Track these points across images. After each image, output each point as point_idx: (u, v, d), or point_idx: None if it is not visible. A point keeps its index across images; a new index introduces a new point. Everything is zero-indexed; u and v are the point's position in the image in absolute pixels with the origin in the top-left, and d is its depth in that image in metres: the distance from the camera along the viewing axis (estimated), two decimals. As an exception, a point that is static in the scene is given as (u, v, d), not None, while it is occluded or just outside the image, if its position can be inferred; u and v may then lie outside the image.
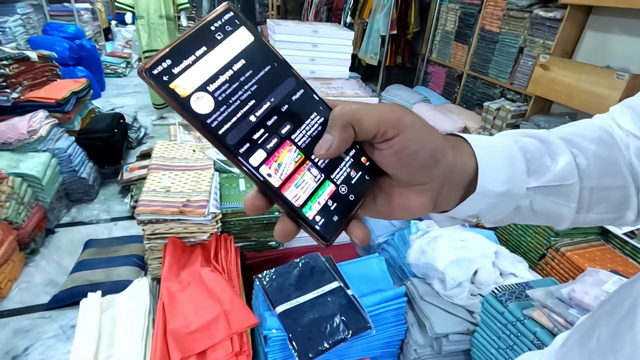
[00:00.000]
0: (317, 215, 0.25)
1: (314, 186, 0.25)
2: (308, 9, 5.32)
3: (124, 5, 2.87)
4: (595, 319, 0.31)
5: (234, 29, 0.24)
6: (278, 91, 0.25)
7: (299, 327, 1.07)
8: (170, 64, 0.21)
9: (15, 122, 1.93)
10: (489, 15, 2.98)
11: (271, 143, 0.24)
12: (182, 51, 0.22)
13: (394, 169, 0.26)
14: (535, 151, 0.29)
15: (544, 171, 0.29)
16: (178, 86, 0.21)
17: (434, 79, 3.89)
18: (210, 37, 0.23)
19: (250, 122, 0.24)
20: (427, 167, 0.26)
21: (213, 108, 0.22)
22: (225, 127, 0.23)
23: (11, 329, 1.43)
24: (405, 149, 0.25)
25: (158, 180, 1.37)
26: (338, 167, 0.26)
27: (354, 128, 0.24)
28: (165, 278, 1.16)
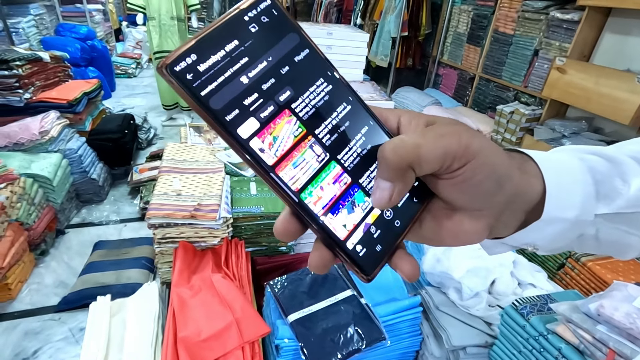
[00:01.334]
0: (358, 244, 0.22)
1: (358, 211, 0.22)
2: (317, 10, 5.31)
3: (135, 6, 2.88)
4: None
5: (271, 20, 0.20)
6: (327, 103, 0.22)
7: (311, 336, 1.04)
8: (195, 59, 0.18)
9: (27, 123, 1.93)
10: (502, 17, 2.93)
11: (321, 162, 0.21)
12: (210, 45, 0.19)
13: (452, 195, 0.23)
14: (605, 172, 0.26)
15: (615, 196, 0.25)
16: (203, 86, 0.18)
17: (445, 81, 3.85)
18: (243, 29, 0.20)
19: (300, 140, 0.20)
20: (491, 193, 0.22)
21: (246, 117, 0.19)
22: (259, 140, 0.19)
23: (21, 331, 1.43)
24: (471, 178, 0.21)
25: (169, 184, 1.36)
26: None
27: (413, 169, 0.20)
28: (176, 283, 1.14)
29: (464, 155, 0.21)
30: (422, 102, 3.34)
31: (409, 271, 0.23)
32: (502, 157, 0.23)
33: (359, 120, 0.23)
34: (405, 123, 0.24)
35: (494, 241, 0.27)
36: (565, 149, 0.28)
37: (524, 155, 0.25)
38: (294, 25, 0.21)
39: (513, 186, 0.23)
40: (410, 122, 0.24)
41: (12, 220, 1.59)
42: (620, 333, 0.80)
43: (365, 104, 0.23)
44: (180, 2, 2.96)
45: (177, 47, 0.18)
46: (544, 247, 0.27)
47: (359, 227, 0.22)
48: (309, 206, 0.21)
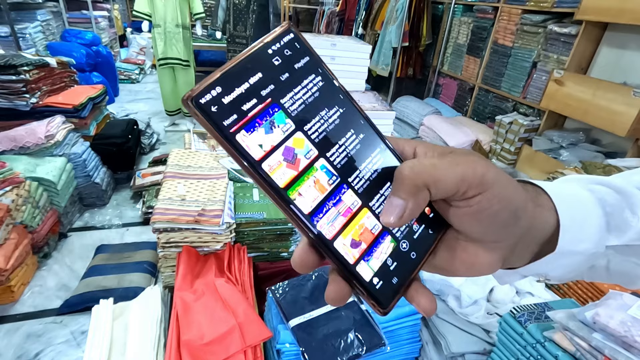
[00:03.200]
0: (375, 276, 0.22)
1: (373, 241, 0.22)
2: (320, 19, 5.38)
3: (141, 14, 2.92)
4: None
5: (294, 53, 0.21)
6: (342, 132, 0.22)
7: (312, 341, 1.06)
8: (220, 92, 0.19)
9: (33, 127, 1.96)
10: (502, 29, 2.99)
11: (328, 187, 0.21)
12: (235, 78, 0.19)
13: (468, 226, 0.23)
14: (615, 204, 0.26)
15: (625, 228, 0.25)
16: (228, 119, 0.19)
17: (445, 91, 3.90)
18: (267, 62, 0.20)
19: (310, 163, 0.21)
20: (507, 225, 0.23)
21: (270, 146, 0.20)
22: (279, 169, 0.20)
23: (23, 334, 1.43)
24: (487, 208, 0.21)
25: (174, 189, 1.38)
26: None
27: (429, 190, 0.21)
28: (180, 287, 1.15)
29: (480, 183, 0.21)
30: (422, 111, 3.38)
31: (426, 305, 0.23)
32: (517, 190, 0.23)
33: (377, 153, 0.23)
34: (421, 153, 0.24)
35: (506, 271, 0.28)
36: (573, 178, 0.29)
37: (537, 188, 0.26)
38: (316, 58, 0.22)
39: (528, 219, 0.23)
40: (426, 152, 0.24)
41: (16, 223, 1.61)
42: (616, 341, 0.81)
43: (383, 135, 0.24)
44: (186, 11, 3.02)
45: (203, 80, 0.19)
46: (555, 278, 0.28)
47: (381, 257, 0.22)
48: (327, 236, 0.21)
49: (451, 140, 2.92)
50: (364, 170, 0.23)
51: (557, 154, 2.37)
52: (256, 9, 3.17)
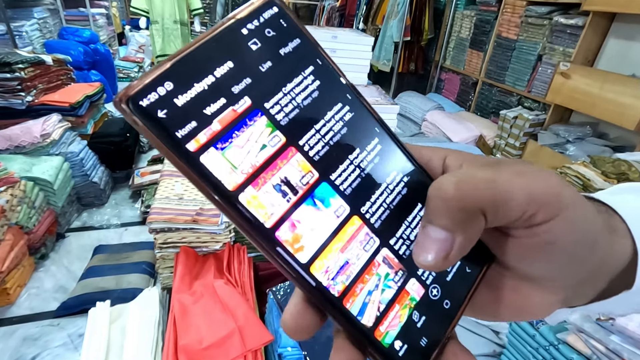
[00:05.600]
0: (397, 339, 0.16)
1: (394, 291, 0.17)
2: (320, 15, 5.33)
3: (139, 10, 2.88)
4: None
5: (279, 35, 0.15)
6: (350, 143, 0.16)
7: (315, 345, 1.02)
8: (172, 90, 0.13)
9: (29, 126, 1.93)
10: (506, 22, 2.93)
11: (334, 223, 0.16)
12: (194, 69, 0.13)
13: (529, 262, 0.17)
14: None
15: None
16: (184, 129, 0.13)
17: (447, 86, 3.85)
18: (241, 46, 0.14)
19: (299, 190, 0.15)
20: (579, 261, 0.17)
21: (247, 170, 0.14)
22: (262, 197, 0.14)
23: (19, 337, 1.40)
24: (560, 239, 0.16)
25: (171, 188, 1.34)
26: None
27: (485, 215, 0.15)
28: (177, 289, 1.12)
29: (554, 203, 0.15)
30: (425, 107, 3.33)
31: None
32: (593, 214, 0.17)
33: (391, 163, 0.17)
34: (454, 164, 0.18)
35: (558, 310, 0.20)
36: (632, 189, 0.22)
37: (608, 209, 0.20)
38: (311, 42, 0.16)
39: (602, 251, 0.18)
40: (462, 163, 0.18)
41: (12, 223, 1.58)
42: (635, 344, 0.77)
43: (400, 141, 0.18)
44: (184, 7, 2.97)
45: (145, 73, 0.13)
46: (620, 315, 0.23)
47: (397, 313, 0.16)
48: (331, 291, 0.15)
49: (455, 136, 2.88)
50: (382, 197, 0.17)
51: (564, 149, 2.32)
52: (255, 3, 3.13)
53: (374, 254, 0.16)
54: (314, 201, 0.15)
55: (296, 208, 0.15)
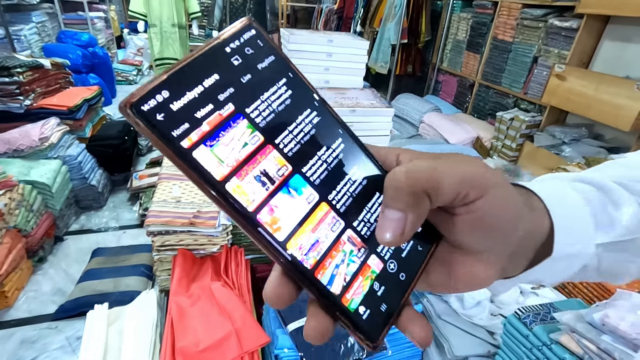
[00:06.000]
0: (361, 305, 0.19)
1: (357, 265, 0.19)
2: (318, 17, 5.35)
3: (137, 14, 2.90)
4: None
5: (256, 52, 0.18)
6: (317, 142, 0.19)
7: (312, 346, 1.03)
8: (168, 97, 0.15)
9: (27, 129, 1.93)
10: (502, 25, 2.95)
11: (305, 208, 0.18)
12: (186, 80, 0.16)
13: (469, 236, 0.20)
14: (597, 201, 0.25)
15: (611, 225, 0.25)
16: (178, 129, 0.16)
17: (444, 88, 3.87)
18: (225, 62, 0.17)
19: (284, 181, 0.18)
20: (509, 232, 0.20)
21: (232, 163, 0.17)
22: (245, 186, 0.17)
23: (17, 340, 1.41)
24: (490, 213, 0.19)
25: (169, 191, 1.35)
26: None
27: (429, 196, 0.18)
28: (175, 292, 1.13)
29: (481, 184, 0.19)
30: (422, 108, 3.34)
31: (421, 335, 0.20)
32: (514, 194, 0.21)
33: (352, 162, 0.20)
34: (405, 159, 0.21)
35: (500, 281, 0.25)
36: (553, 177, 0.28)
37: (528, 191, 0.24)
38: (283, 58, 0.19)
39: (526, 225, 0.22)
40: (412, 158, 0.21)
41: (10, 227, 1.58)
42: (626, 344, 0.78)
43: (361, 142, 0.21)
44: (182, 10, 2.99)
45: (145, 83, 0.15)
46: (549, 283, 0.27)
47: (365, 285, 0.19)
48: (304, 264, 0.18)
49: (452, 138, 2.89)
50: (346, 187, 0.20)
51: (560, 150, 2.34)
52: (252, 7, 3.14)
53: (340, 234, 0.19)
54: (289, 190, 0.18)
55: (274, 195, 0.18)
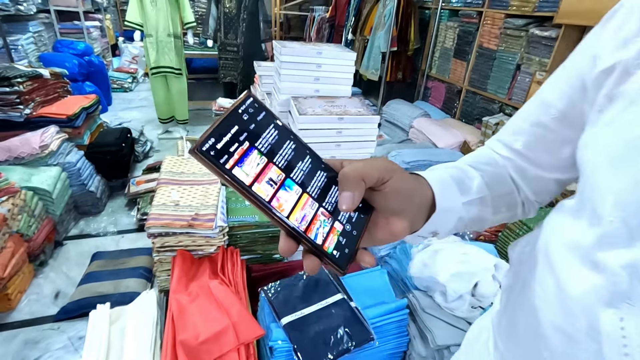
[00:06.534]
0: (334, 250, 0.31)
1: (328, 227, 0.32)
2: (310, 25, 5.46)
3: (133, 24, 2.97)
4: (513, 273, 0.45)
5: (256, 112, 0.30)
6: (297, 159, 0.32)
7: (304, 338, 1.10)
8: (213, 141, 0.27)
9: (28, 137, 1.99)
10: (486, 33, 3.07)
11: (297, 198, 0.30)
12: (221, 132, 0.27)
13: (387, 203, 0.34)
14: (459, 177, 0.41)
15: (467, 189, 0.41)
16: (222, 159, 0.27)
17: (434, 94, 3.98)
18: (239, 118, 0.29)
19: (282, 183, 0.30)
20: (408, 198, 0.35)
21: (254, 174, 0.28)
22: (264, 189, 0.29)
23: (21, 340, 1.46)
24: (397, 187, 0.34)
25: (167, 195, 1.42)
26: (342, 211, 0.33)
27: (364, 181, 0.31)
28: (175, 290, 1.19)
29: (387, 172, 0.33)
30: (412, 114, 3.44)
31: (369, 260, 0.33)
32: (410, 176, 0.36)
33: (317, 169, 0.33)
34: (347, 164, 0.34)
35: (412, 235, 0.39)
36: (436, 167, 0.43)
37: (418, 175, 0.39)
38: (269, 112, 0.31)
39: (418, 194, 0.37)
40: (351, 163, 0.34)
41: (13, 232, 1.63)
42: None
43: (320, 157, 0.34)
44: (177, 20, 3.06)
45: (201, 135, 0.27)
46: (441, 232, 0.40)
47: (333, 238, 0.32)
48: (299, 229, 0.30)
49: (440, 142, 2.99)
50: (316, 183, 0.32)
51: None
52: (246, 17, 3.23)
53: (316, 211, 0.31)
54: (285, 188, 0.30)
55: (278, 191, 0.30)
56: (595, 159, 0.32)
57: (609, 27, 0.35)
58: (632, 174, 0.28)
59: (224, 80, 3.56)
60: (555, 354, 0.33)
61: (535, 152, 0.43)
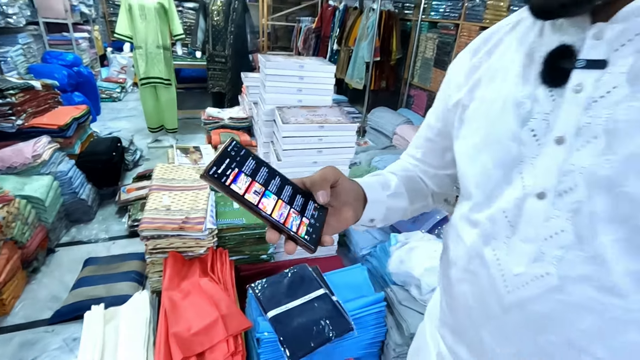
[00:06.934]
0: (306, 235, 0.44)
1: (299, 221, 0.45)
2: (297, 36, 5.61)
3: (123, 36, 3.05)
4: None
5: (239, 150, 0.44)
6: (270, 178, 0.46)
7: (288, 330, 1.19)
8: (215, 168, 0.40)
9: (20, 147, 2.04)
10: (463, 45, 3.24)
11: (275, 203, 0.44)
12: (220, 163, 0.41)
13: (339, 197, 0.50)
14: (382, 180, 0.60)
15: (389, 187, 0.59)
16: (222, 179, 0.40)
17: (416, 101, 4.14)
18: (229, 154, 0.43)
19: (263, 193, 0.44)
20: (352, 193, 0.52)
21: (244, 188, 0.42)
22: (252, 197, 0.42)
23: (17, 343, 1.50)
24: (344, 186, 0.51)
25: (159, 200, 1.50)
26: (307, 209, 0.46)
27: (327, 181, 0.47)
28: (167, 288, 1.27)
29: (337, 174, 0.49)
30: (395, 121, 3.58)
31: (329, 241, 0.46)
32: (350, 180, 0.54)
33: (285, 184, 0.47)
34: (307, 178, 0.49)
35: (357, 224, 0.55)
36: (367, 176, 0.60)
37: (354, 181, 0.55)
38: (247, 150, 0.45)
39: (356, 191, 0.54)
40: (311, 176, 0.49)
41: (7, 239, 1.69)
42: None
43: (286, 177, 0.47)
44: (166, 32, 3.16)
45: (209, 163, 0.40)
46: (377, 220, 0.57)
47: (303, 228, 0.44)
48: (280, 222, 0.43)
49: (421, 148, 3.12)
50: (285, 192, 0.46)
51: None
52: (234, 29, 3.34)
53: (289, 210, 0.44)
54: (266, 196, 0.43)
55: (261, 198, 0.42)
56: (461, 159, 0.51)
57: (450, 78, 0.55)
58: (479, 164, 0.47)
59: (213, 90, 3.65)
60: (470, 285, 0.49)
61: (430, 158, 0.63)
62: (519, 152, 0.42)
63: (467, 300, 0.50)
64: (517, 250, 0.42)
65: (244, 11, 3.40)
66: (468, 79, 0.50)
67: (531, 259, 0.41)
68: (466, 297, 0.50)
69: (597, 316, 0.37)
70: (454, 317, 0.54)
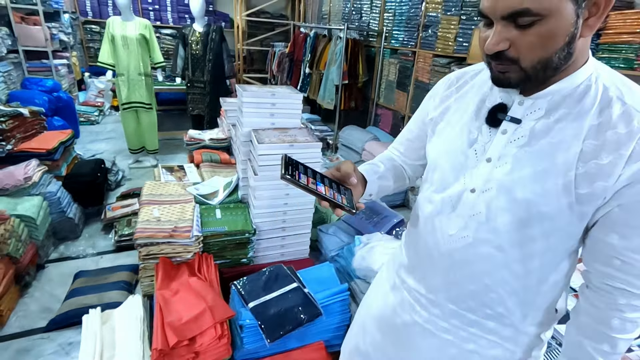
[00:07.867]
0: (347, 203, 0.67)
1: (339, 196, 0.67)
2: (271, 60, 5.93)
3: (105, 64, 3.24)
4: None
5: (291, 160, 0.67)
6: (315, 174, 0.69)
7: (267, 317, 1.40)
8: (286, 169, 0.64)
9: (11, 170, 2.18)
10: (420, 69, 3.63)
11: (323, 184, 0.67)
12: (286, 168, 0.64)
13: (356, 180, 0.73)
14: (375, 168, 0.84)
15: (377, 172, 0.83)
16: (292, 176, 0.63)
17: (383, 119, 4.49)
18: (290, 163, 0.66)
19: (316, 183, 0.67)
20: (359, 179, 0.77)
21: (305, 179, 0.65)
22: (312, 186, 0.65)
23: (14, 350, 1.63)
24: (357, 173, 0.77)
25: (150, 213, 1.70)
26: (340, 189, 0.69)
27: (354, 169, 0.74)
28: (159, 287, 1.46)
29: (354, 167, 0.76)
30: (364, 138, 3.90)
31: (362, 207, 0.71)
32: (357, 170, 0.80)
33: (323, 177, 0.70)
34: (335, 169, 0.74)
35: (364, 197, 0.80)
36: (366, 163, 0.86)
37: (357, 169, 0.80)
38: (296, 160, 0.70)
39: (360, 177, 0.79)
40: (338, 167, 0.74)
41: (3, 255, 1.82)
42: None
43: (322, 173, 0.71)
44: (147, 60, 3.37)
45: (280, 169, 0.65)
46: (373, 195, 0.82)
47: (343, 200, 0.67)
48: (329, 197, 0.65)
49: (386, 162, 3.44)
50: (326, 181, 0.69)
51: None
52: (212, 57, 3.60)
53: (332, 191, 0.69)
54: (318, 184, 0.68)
55: (317, 186, 0.67)
56: (430, 158, 0.77)
57: (430, 98, 0.79)
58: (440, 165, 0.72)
59: (193, 112, 3.87)
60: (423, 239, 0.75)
61: (409, 152, 0.86)
62: (465, 163, 0.67)
63: (419, 248, 0.76)
64: (453, 221, 0.68)
65: (222, 40, 3.68)
66: (441, 104, 0.75)
67: (460, 227, 0.67)
68: (419, 246, 0.76)
69: (490, 262, 0.65)
70: (409, 259, 0.81)
